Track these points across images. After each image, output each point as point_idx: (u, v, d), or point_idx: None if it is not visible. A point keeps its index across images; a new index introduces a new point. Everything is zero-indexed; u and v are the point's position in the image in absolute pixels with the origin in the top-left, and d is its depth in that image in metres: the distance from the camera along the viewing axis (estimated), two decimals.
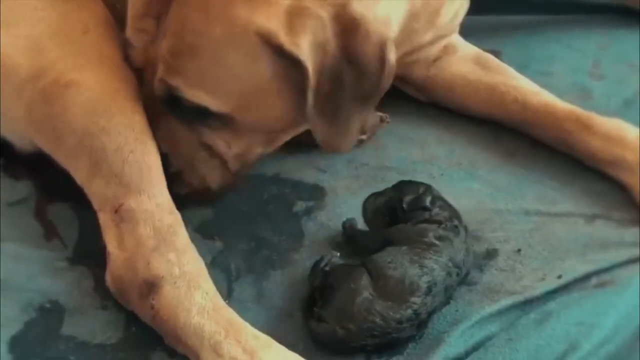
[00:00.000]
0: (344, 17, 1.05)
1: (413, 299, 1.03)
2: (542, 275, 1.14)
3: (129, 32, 1.13)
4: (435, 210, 1.14)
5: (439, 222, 1.12)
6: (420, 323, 1.04)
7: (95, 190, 1.11)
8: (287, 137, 1.22)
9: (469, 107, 1.43)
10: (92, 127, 1.10)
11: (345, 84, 1.07)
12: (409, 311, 1.03)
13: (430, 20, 1.28)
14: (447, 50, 1.44)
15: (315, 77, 1.05)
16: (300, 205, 1.26)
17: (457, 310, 1.10)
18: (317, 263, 1.11)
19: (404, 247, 1.09)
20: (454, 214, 1.16)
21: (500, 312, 1.09)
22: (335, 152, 1.21)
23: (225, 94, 1.09)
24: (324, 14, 1.04)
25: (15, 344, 1.04)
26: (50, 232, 1.19)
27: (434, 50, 1.42)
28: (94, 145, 1.09)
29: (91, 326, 1.07)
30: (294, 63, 1.05)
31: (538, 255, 1.18)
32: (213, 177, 1.19)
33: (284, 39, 1.03)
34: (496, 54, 1.50)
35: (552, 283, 1.12)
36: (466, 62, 1.45)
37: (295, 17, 1.03)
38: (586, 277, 1.13)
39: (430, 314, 1.06)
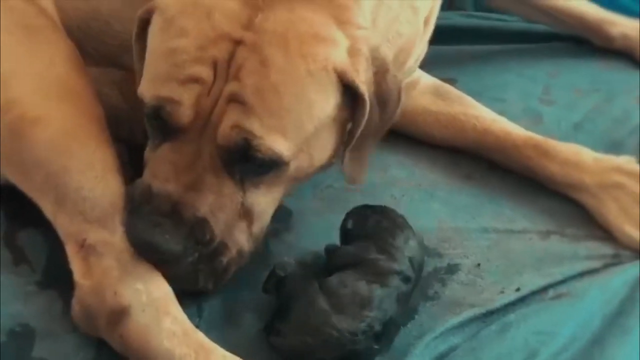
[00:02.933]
0: (378, 59, 1.11)
1: (365, 312, 1.07)
2: (501, 289, 1.19)
3: (171, 87, 1.04)
4: (380, 227, 1.18)
5: (381, 238, 1.16)
6: (376, 335, 1.07)
7: (60, 224, 1.12)
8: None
9: (431, 135, 1.49)
10: (54, 166, 1.11)
11: (373, 122, 1.11)
12: (362, 324, 1.06)
13: (401, 64, 1.33)
14: (408, 85, 1.48)
15: (366, 116, 1.09)
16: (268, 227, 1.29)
17: (421, 324, 1.14)
18: (272, 270, 1.14)
19: (350, 270, 1.12)
20: (398, 225, 1.19)
21: (462, 324, 1.13)
22: (356, 184, 1.22)
23: (299, 134, 1.06)
24: (368, 55, 1.09)
25: None
26: (19, 257, 1.20)
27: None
28: (58, 183, 1.11)
29: (62, 349, 1.08)
30: (349, 101, 1.08)
31: (497, 270, 1.23)
32: (243, 240, 1.13)
33: (354, 75, 1.07)
34: (452, 82, 1.58)
35: (510, 295, 1.17)
36: (426, 94, 1.51)
37: (354, 56, 1.08)
38: (543, 289, 1.19)
39: (387, 325, 1.09)
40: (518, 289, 1.18)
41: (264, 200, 1.12)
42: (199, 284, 1.11)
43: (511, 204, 1.36)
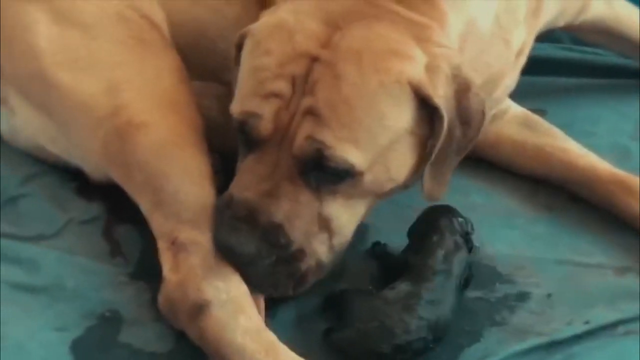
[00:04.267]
0: (459, 77, 1.14)
1: (415, 306, 1.12)
2: (569, 320, 1.19)
3: (254, 102, 1.11)
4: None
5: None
6: (429, 328, 1.12)
7: (155, 222, 1.21)
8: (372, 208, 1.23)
9: (515, 165, 1.51)
10: (154, 169, 1.20)
11: (454, 139, 1.15)
12: (414, 316, 1.11)
13: (488, 91, 1.35)
14: (496, 115, 1.51)
15: (444, 131, 1.12)
16: None
17: (486, 348, 1.16)
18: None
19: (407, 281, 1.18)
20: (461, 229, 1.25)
21: (527, 352, 1.15)
22: (433, 201, 1.25)
23: (372, 146, 1.10)
24: (448, 72, 1.13)
25: (76, 347, 1.14)
26: (115, 249, 1.30)
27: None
28: (156, 185, 1.19)
29: (146, 336, 1.16)
30: (427, 117, 1.12)
31: (568, 301, 1.23)
32: (322, 251, 1.17)
33: (430, 89, 1.11)
34: (541, 113, 1.59)
35: (579, 328, 1.18)
36: (514, 124, 1.52)
37: (432, 72, 1.12)
38: (613, 325, 1.19)
39: (439, 320, 1.13)
40: (587, 322, 1.18)
41: (344, 214, 1.16)
42: (277, 288, 1.16)
43: (589, 238, 1.36)
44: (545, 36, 1.79)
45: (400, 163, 1.15)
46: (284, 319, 1.19)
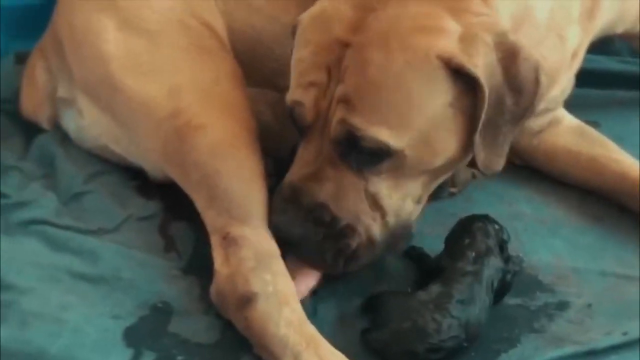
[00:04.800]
0: (505, 44, 1.15)
1: (448, 307, 1.15)
2: (608, 331, 1.19)
3: (296, 92, 1.19)
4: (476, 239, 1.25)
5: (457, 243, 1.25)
6: (461, 327, 1.14)
7: (209, 218, 1.27)
8: (429, 193, 1.27)
9: (567, 174, 1.51)
10: (210, 168, 1.26)
11: (506, 107, 1.15)
12: (446, 316, 1.14)
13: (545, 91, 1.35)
14: (552, 122, 1.52)
15: (487, 100, 1.12)
16: None
17: (522, 353, 1.18)
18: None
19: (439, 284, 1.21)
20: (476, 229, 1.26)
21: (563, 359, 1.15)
22: (492, 173, 1.24)
23: (405, 125, 1.13)
24: (490, 40, 1.14)
25: (129, 334, 1.20)
26: (169, 245, 1.37)
27: (541, 121, 1.50)
28: (210, 183, 1.25)
29: (194, 327, 1.22)
30: (466, 88, 1.12)
31: (607, 312, 1.24)
32: (375, 229, 1.20)
33: (464, 60, 1.12)
34: (595, 125, 1.59)
35: (617, 338, 1.18)
36: (568, 134, 1.53)
37: (468, 42, 1.13)
38: None
39: (471, 321, 1.15)
40: (625, 333, 1.18)
41: (394, 193, 1.19)
42: (328, 264, 1.20)
43: (635, 250, 1.35)
44: (604, 47, 1.80)
45: (444, 137, 1.17)
46: (325, 318, 1.23)
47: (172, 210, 1.43)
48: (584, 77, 1.54)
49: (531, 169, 1.56)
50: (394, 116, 1.13)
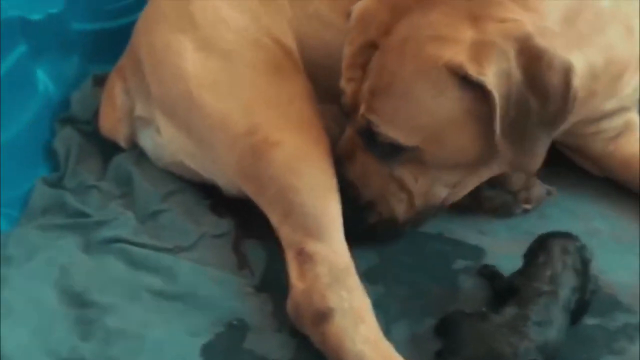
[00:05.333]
0: (527, 49, 1.16)
1: (524, 330, 1.13)
2: None
3: (343, 82, 1.29)
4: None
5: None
6: (539, 350, 1.12)
7: (284, 233, 1.29)
8: (473, 182, 1.32)
9: None
10: (285, 183, 1.28)
11: (531, 111, 1.17)
12: (523, 340, 1.12)
13: (611, 85, 1.34)
14: (628, 126, 1.48)
15: (501, 104, 1.15)
16: (459, 263, 1.37)
17: None
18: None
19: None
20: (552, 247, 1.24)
21: None
22: (524, 172, 1.30)
23: (415, 128, 1.22)
24: (508, 46, 1.16)
25: (206, 351, 1.23)
26: (242, 262, 1.40)
27: (615, 123, 1.46)
28: (286, 198, 1.28)
29: (268, 344, 1.24)
30: (480, 95, 1.16)
31: None
32: (400, 209, 1.31)
33: (469, 68, 1.15)
34: None
35: None
36: None
37: (479, 49, 1.16)
38: None
39: (548, 343, 1.14)
40: None
41: (421, 178, 1.27)
42: (350, 229, 1.28)
43: None
44: None
45: (459, 139, 1.22)
46: (398, 338, 1.23)
47: (243, 227, 1.46)
48: None
49: (605, 183, 1.52)
50: (404, 119, 1.21)
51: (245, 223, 1.45)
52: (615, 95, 1.37)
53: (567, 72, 1.16)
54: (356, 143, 1.30)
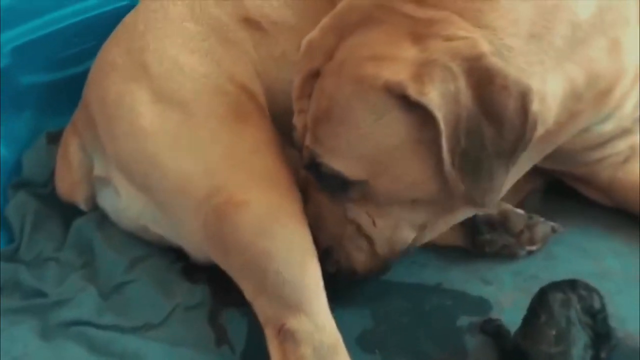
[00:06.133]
0: (477, 69, 1.03)
1: None
2: None
3: (294, 117, 1.19)
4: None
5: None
6: None
7: (259, 307, 1.15)
8: (446, 221, 1.17)
9: None
10: (255, 249, 1.15)
11: (485, 139, 1.03)
12: None
13: (599, 102, 1.21)
14: (634, 150, 1.36)
15: (449, 130, 1.02)
16: (463, 320, 1.24)
17: None
18: None
19: None
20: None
21: None
22: (477, 208, 1.14)
23: (358, 157, 1.10)
24: (455, 65, 1.02)
25: None
26: (220, 337, 1.25)
27: (620, 147, 1.34)
28: (258, 266, 1.14)
29: None
30: (425, 119, 1.03)
31: None
32: (359, 258, 1.18)
33: (409, 87, 1.03)
34: None
35: None
36: None
37: (421, 68, 1.03)
38: None
39: None
40: None
41: (380, 220, 1.14)
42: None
43: None
44: None
45: (409, 170, 1.08)
46: None
47: (221, 293, 1.31)
48: None
49: (615, 215, 1.39)
50: (345, 147, 1.10)
51: (223, 288, 1.30)
52: (606, 113, 1.25)
53: (523, 95, 1.02)
54: (309, 181, 1.19)
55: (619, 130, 1.31)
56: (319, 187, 1.18)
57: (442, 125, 1.02)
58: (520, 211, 1.33)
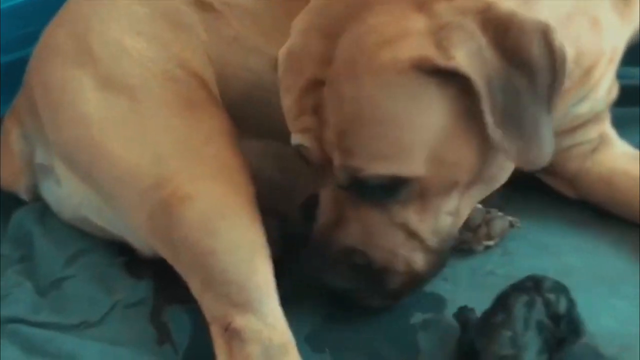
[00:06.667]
0: (491, 20, 0.98)
1: None
2: None
3: (295, 138, 1.10)
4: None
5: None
6: None
7: (206, 305, 1.10)
8: (468, 205, 1.12)
9: (629, 204, 1.29)
10: (201, 246, 1.10)
11: (520, 90, 0.98)
12: None
13: (583, 81, 1.19)
14: (604, 140, 1.34)
15: (485, 89, 0.97)
16: (417, 317, 1.18)
17: None
18: None
19: None
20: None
21: None
22: (535, 167, 1.07)
23: (406, 151, 1.02)
24: (468, 22, 0.98)
25: None
26: (163, 336, 1.19)
27: (591, 135, 1.32)
28: (205, 264, 1.09)
29: None
30: (460, 86, 0.98)
31: None
32: (418, 259, 1.10)
33: (436, 57, 0.97)
34: None
35: None
36: (625, 157, 1.34)
37: (438, 34, 0.98)
38: None
39: None
40: None
41: (427, 216, 1.07)
42: (373, 304, 1.14)
43: None
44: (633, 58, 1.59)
45: (458, 146, 1.03)
46: None
47: (166, 290, 1.25)
48: (622, 95, 1.33)
49: (578, 208, 1.35)
50: (390, 146, 1.01)
51: (168, 283, 1.24)
52: (584, 94, 1.22)
53: (544, 32, 0.98)
54: (341, 203, 1.08)
55: (592, 115, 1.28)
56: (359, 202, 1.07)
57: (479, 85, 0.97)
58: (478, 205, 1.28)
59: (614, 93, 1.31)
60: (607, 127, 1.35)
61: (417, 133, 1.00)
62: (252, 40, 1.30)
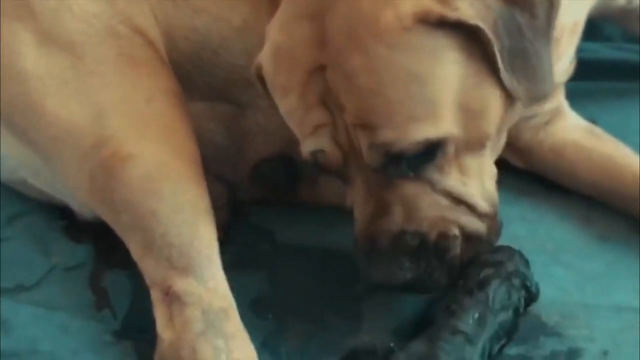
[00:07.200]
0: None
1: None
2: None
3: (310, 142, 1.04)
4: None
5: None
6: None
7: (146, 268, 1.08)
8: (497, 150, 1.10)
9: (577, 175, 1.31)
10: (142, 208, 1.07)
11: (522, 27, 0.98)
12: None
13: (554, 49, 1.14)
14: (558, 112, 1.35)
15: (493, 34, 0.96)
16: (361, 285, 1.17)
17: None
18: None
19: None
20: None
21: None
22: (539, 103, 1.10)
23: (434, 109, 0.97)
24: None
25: None
26: (101, 301, 1.16)
27: (548, 106, 1.32)
28: (145, 226, 1.07)
29: None
30: (468, 36, 0.96)
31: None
32: (471, 222, 1.05)
33: (439, 9, 0.95)
34: (591, 122, 1.38)
35: None
36: (577, 129, 1.35)
37: None
38: None
39: None
40: None
41: (467, 179, 1.04)
42: (440, 284, 1.05)
43: None
44: (594, 33, 1.60)
45: (480, 93, 1.00)
46: None
47: (106, 255, 1.22)
48: (578, 69, 1.34)
49: (523, 182, 1.35)
50: (415, 107, 0.97)
51: (108, 249, 1.21)
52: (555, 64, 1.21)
53: None
54: (375, 191, 1.03)
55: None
56: (395, 181, 1.02)
57: (486, 30, 0.95)
58: None
59: (571, 69, 1.31)
60: (562, 100, 1.35)
61: (439, 86, 0.97)
62: (199, 3, 1.26)
